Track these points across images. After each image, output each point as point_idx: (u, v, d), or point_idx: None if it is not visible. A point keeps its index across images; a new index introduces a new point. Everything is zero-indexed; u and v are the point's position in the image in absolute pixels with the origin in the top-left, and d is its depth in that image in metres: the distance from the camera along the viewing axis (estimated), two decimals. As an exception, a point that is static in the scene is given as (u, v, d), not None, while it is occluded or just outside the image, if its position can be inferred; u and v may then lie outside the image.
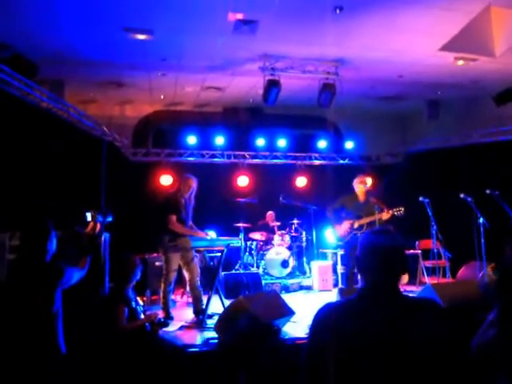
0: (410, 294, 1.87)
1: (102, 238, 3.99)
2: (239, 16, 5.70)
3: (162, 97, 9.19)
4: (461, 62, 7.21)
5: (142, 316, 4.08)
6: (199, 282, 5.82)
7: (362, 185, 6.60)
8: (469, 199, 6.33)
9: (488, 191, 6.14)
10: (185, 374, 3.97)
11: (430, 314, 1.72)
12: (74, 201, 5.44)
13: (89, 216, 3.48)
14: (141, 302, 4.30)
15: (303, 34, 6.27)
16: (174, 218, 5.65)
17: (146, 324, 4.01)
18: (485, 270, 6.12)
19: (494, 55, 6.14)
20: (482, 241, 6.14)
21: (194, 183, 5.92)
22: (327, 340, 1.68)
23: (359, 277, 7.64)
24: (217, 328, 4.45)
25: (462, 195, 6.40)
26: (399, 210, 6.26)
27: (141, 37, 6.20)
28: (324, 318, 1.76)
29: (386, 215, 6.31)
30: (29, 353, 2.85)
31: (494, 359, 1.81)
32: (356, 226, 6.47)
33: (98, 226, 3.59)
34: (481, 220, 6.21)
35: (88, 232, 3.47)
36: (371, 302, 1.74)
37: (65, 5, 5.35)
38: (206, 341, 4.49)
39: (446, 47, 6.58)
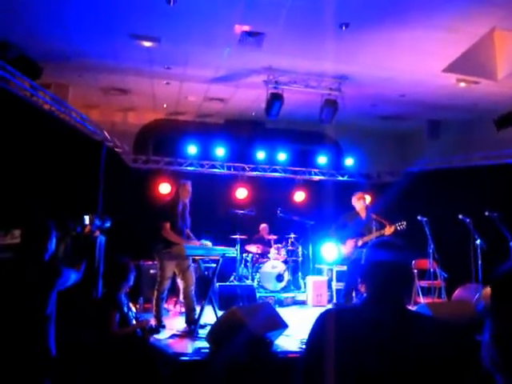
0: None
1: (98, 242, 3.96)
2: (246, 28, 5.76)
3: (165, 105, 9.24)
4: (463, 84, 7.28)
5: (134, 322, 4.04)
6: (193, 292, 5.79)
7: (362, 201, 6.61)
8: (467, 220, 6.33)
9: (487, 213, 6.13)
10: (175, 382, 3.92)
11: (431, 326, 1.72)
12: (72, 203, 5.43)
13: (87, 219, 3.47)
14: (133, 309, 4.26)
15: (308, 48, 6.34)
16: (167, 225, 5.64)
17: (138, 330, 3.96)
18: (480, 291, 6.09)
19: (495, 79, 6.20)
20: (479, 262, 6.12)
21: (190, 187, 5.94)
22: (326, 346, 1.66)
23: (362, 290, 7.62)
24: (209, 338, 4.41)
25: (460, 216, 6.39)
26: (401, 225, 6.25)
27: (147, 44, 6.26)
28: (325, 322, 1.74)
29: (388, 230, 6.28)
30: (18, 353, 2.82)
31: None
32: (360, 244, 6.45)
33: (97, 232, 3.58)
34: (478, 241, 6.20)
35: (85, 235, 3.46)
36: (375, 310, 1.73)
37: (73, 7, 5.41)
38: (198, 350, 4.46)
39: (449, 69, 6.65)
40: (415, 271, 7.74)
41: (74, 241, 3.38)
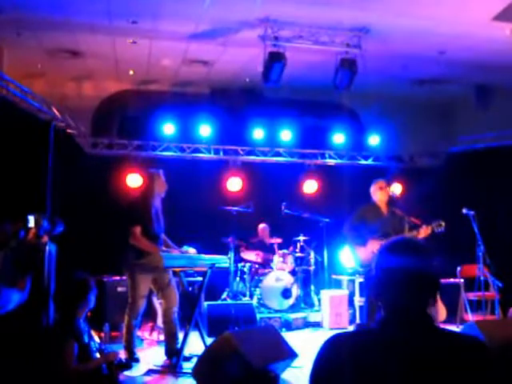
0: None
1: (47, 251, 3.94)
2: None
3: (132, 72, 9.20)
4: (520, 36, 7.26)
5: (98, 355, 4.04)
6: (176, 314, 5.80)
7: (383, 192, 6.59)
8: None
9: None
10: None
11: (472, 353, 1.69)
12: (11, 201, 5.40)
13: (31, 220, 3.43)
14: (96, 338, 4.26)
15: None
16: (137, 229, 5.63)
17: (103, 365, 3.96)
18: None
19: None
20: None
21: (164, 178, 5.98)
22: (334, 380, 1.66)
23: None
24: (195, 373, 4.42)
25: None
26: (440, 225, 6.24)
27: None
28: (332, 350, 1.75)
29: (425, 232, 6.27)
30: None
31: None
32: None
33: (46, 238, 3.55)
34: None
35: (29, 242, 3.42)
36: (394, 332, 1.72)
37: None
38: (181, 390, 4.46)
39: (503, 16, 6.62)
40: (461, 280, 7.78)
41: (14, 250, 3.35)
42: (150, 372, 5.31)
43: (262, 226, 9.39)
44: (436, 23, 7.07)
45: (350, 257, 7.27)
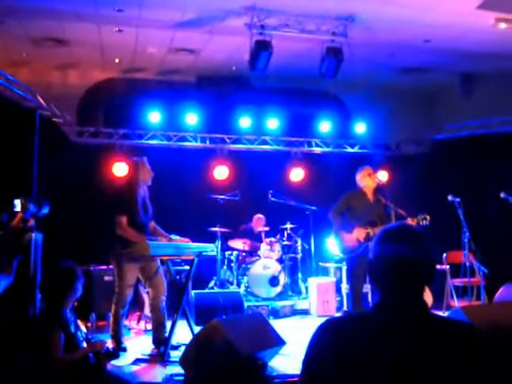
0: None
1: (33, 239, 3.89)
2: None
3: (118, 60, 9.13)
4: (503, 25, 7.26)
5: (85, 345, 4.01)
6: (164, 303, 5.78)
7: (371, 178, 6.57)
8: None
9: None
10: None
11: (463, 337, 1.71)
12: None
13: (18, 204, 3.37)
14: (83, 328, 4.24)
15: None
16: (123, 219, 5.58)
17: (90, 355, 3.94)
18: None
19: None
20: (529, 254, 6.21)
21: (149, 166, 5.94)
22: (327, 365, 1.67)
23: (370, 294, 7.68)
24: (183, 362, 4.41)
25: (502, 195, 6.43)
26: (425, 219, 6.26)
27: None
28: (325, 335, 1.75)
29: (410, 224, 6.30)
30: None
31: None
32: (372, 235, 6.40)
33: (32, 221, 3.50)
34: (527, 227, 6.28)
35: (15, 226, 3.37)
36: (388, 316, 1.73)
37: None
38: (169, 378, 4.47)
39: (486, 5, 6.63)
40: (447, 267, 7.84)
41: (0, 236, 3.30)
42: (137, 361, 5.29)
43: (257, 216, 9.34)
44: (421, 12, 7.07)
45: (335, 244, 7.29)
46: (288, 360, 5.02)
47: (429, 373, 1.62)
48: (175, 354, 5.22)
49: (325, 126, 10.37)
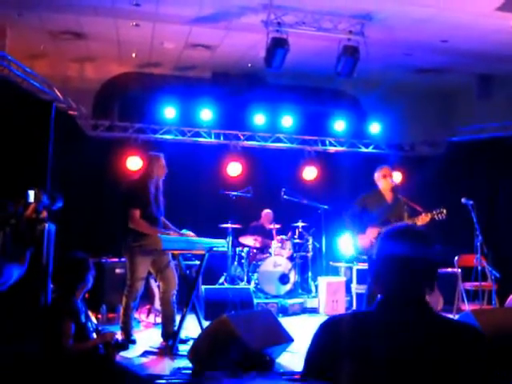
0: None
1: (46, 230, 3.93)
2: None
3: (134, 55, 9.15)
4: (524, 27, 7.22)
5: (95, 335, 4.05)
6: (175, 297, 5.82)
7: (388, 179, 6.56)
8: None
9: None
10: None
11: (467, 338, 1.71)
12: (11, 176, 5.39)
13: (31, 195, 3.39)
14: (93, 319, 4.28)
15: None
16: (137, 213, 5.63)
17: (99, 346, 3.98)
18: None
19: None
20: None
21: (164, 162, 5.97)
22: (328, 362, 1.68)
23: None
24: (191, 355, 4.44)
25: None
26: (441, 213, 6.19)
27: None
28: (327, 333, 1.76)
29: (423, 219, 6.24)
30: None
31: None
32: None
33: (45, 213, 3.53)
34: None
35: (29, 216, 3.39)
36: (390, 315, 1.74)
37: None
38: (177, 371, 4.49)
39: (506, 6, 6.58)
40: (458, 270, 7.79)
41: (14, 226, 3.33)
42: (146, 353, 5.34)
43: (266, 211, 9.38)
44: (439, 12, 7.03)
45: (350, 243, 7.27)
46: (295, 357, 5.02)
47: (428, 372, 1.62)
48: (183, 348, 5.25)
49: (339, 125, 10.34)
